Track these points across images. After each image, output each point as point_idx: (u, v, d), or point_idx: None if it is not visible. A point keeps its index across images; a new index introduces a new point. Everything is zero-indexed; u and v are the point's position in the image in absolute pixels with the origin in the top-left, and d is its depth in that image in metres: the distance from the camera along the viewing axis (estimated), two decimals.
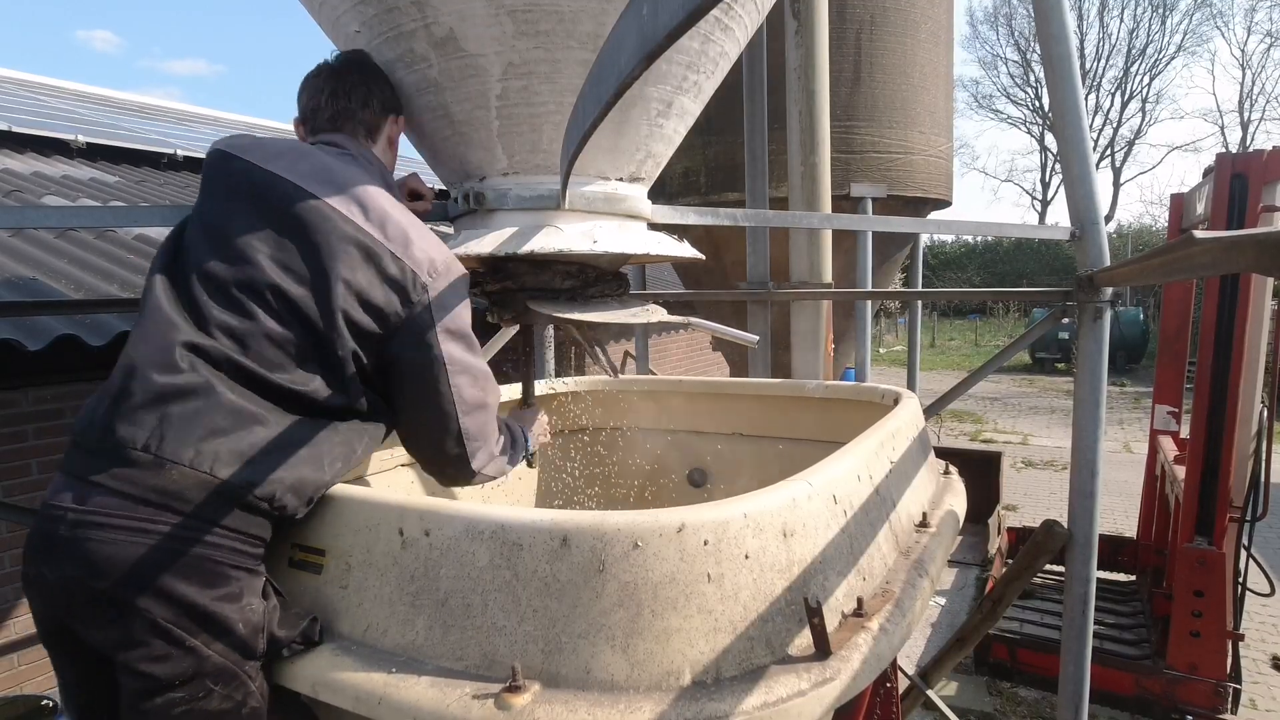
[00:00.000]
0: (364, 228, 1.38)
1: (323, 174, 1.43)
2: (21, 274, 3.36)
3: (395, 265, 1.38)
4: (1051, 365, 18.33)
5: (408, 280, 1.38)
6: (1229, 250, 1.04)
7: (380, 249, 1.38)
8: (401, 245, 1.40)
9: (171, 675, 1.17)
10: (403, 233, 1.41)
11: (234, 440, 1.22)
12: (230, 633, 1.20)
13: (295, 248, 1.35)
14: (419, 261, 1.40)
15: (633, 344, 6.80)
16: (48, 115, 6.74)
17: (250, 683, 1.23)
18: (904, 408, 1.97)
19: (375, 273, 1.36)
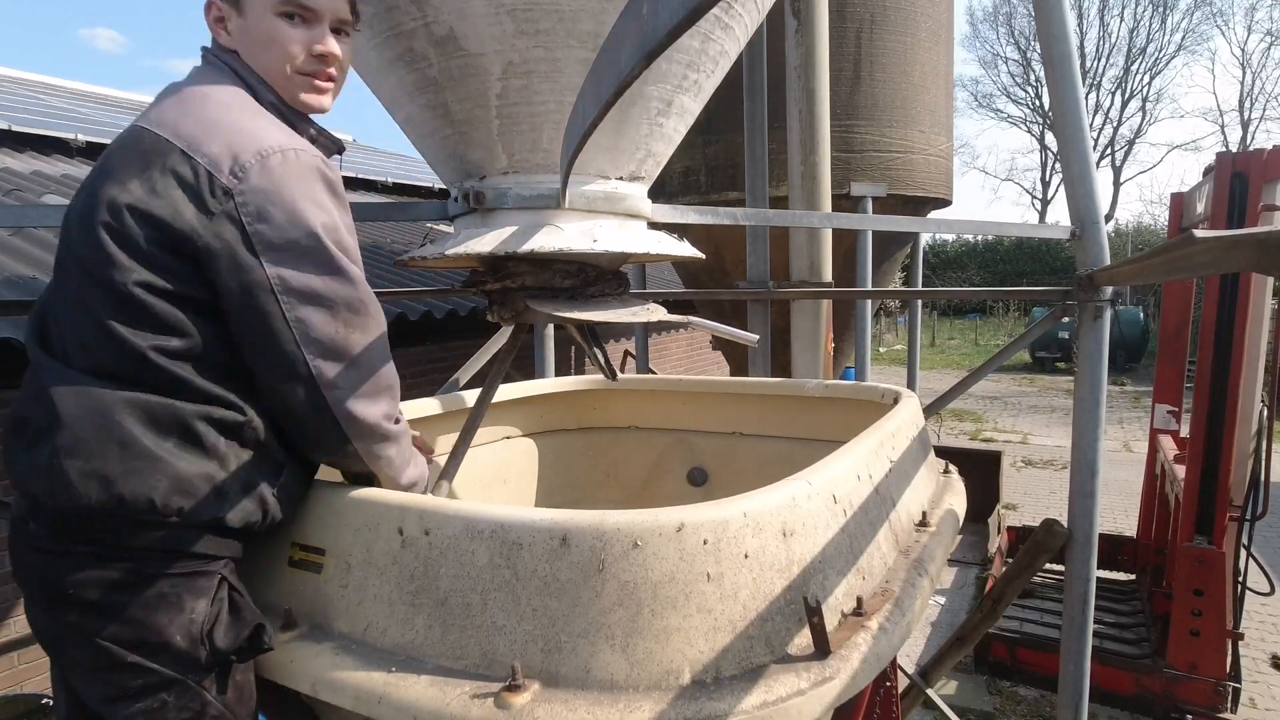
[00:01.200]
0: (155, 132, 1.14)
1: (160, 100, 1.23)
2: (21, 273, 3.36)
3: (183, 164, 1.10)
4: (1051, 364, 18.33)
5: (202, 182, 1.09)
6: (1229, 249, 1.04)
7: (165, 148, 1.11)
8: (193, 140, 1.11)
9: (122, 688, 1.15)
10: (198, 125, 1.13)
11: (92, 462, 1.10)
12: (167, 646, 1.14)
13: (81, 194, 1.16)
14: (216, 156, 1.10)
15: (633, 343, 6.80)
16: (48, 114, 6.74)
17: (205, 693, 1.19)
18: (904, 407, 1.97)
19: (157, 178, 1.09)
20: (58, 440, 1.11)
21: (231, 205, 1.09)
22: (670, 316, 2.00)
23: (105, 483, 1.10)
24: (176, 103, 1.18)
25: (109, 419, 1.11)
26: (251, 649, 1.21)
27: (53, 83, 9.14)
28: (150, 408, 1.12)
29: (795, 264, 3.45)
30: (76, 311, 1.15)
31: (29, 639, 3.49)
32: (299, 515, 1.37)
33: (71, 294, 1.16)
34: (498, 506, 1.20)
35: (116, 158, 1.15)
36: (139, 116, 1.23)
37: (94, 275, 1.12)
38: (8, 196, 4.25)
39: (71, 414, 1.11)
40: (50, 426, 1.12)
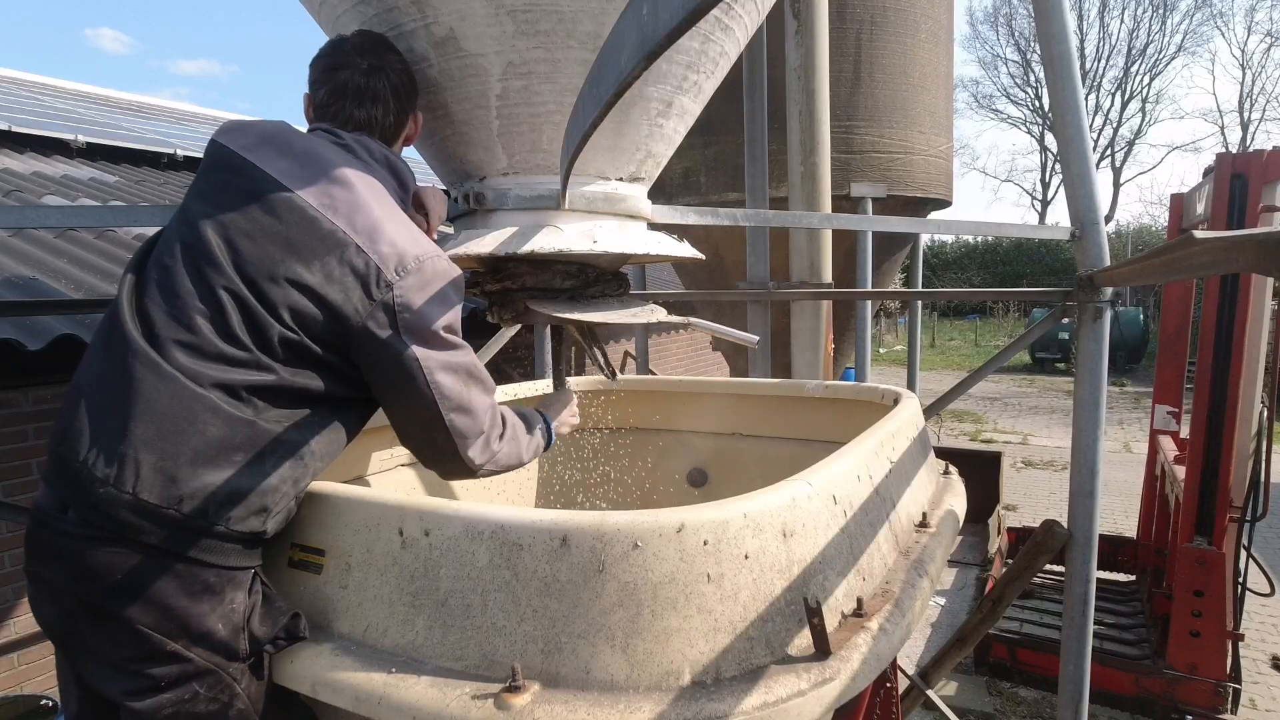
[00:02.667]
0: (330, 219, 1.32)
1: (304, 164, 1.37)
2: (21, 274, 3.36)
3: (359, 258, 1.30)
4: (1051, 365, 18.33)
5: (371, 276, 1.30)
6: (1229, 250, 1.04)
7: (343, 240, 1.30)
8: (368, 238, 1.32)
9: (156, 678, 1.17)
10: (373, 225, 1.33)
11: (165, 460, 1.17)
12: (210, 635, 1.19)
13: (256, 245, 1.29)
14: (385, 256, 1.31)
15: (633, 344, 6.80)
16: (48, 115, 6.74)
17: (235, 684, 1.22)
18: (904, 408, 1.97)
19: (335, 268, 1.29)
20: (136, 429, 1.17)
21: (390, 296, 1.31)
22: (670, 317, 2.00)
23: (172, 481, 1.17)
24: (346, 194, 1.36)
25: (191, 422, 1.19)
26: (289, 637, 1.25)
27: (53, 83, 9.14)
28: (232, 421, 1.21)
29: (795, 265, 3.46)
30: (200, 320, 1.24)
31: (29, 639, 3.49)
32: (299, 516, 1.37)
33: (204, 306, 1.25)
34: (498, 507, 1.20)
35: (295, 232, 1.31)
36: (285, 173, 1.34)
37: (248, 310, 1.26)
38: (8, 197, 4.25)
39: (157, 408, 1.18)
40: (132, 414, 1.18)
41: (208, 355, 1.23)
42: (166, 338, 1.23)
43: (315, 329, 1.29)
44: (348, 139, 1.47)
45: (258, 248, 1.29)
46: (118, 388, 1.20)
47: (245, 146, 1.38)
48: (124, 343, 1.23)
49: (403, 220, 1.42)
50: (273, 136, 1.42)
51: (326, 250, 1.30)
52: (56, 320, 3.06)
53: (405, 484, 2.25)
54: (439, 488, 2.36)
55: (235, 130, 1.43)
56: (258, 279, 1.27)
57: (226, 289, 1.26)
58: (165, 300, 1.26)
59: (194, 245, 1.30)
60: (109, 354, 1.24)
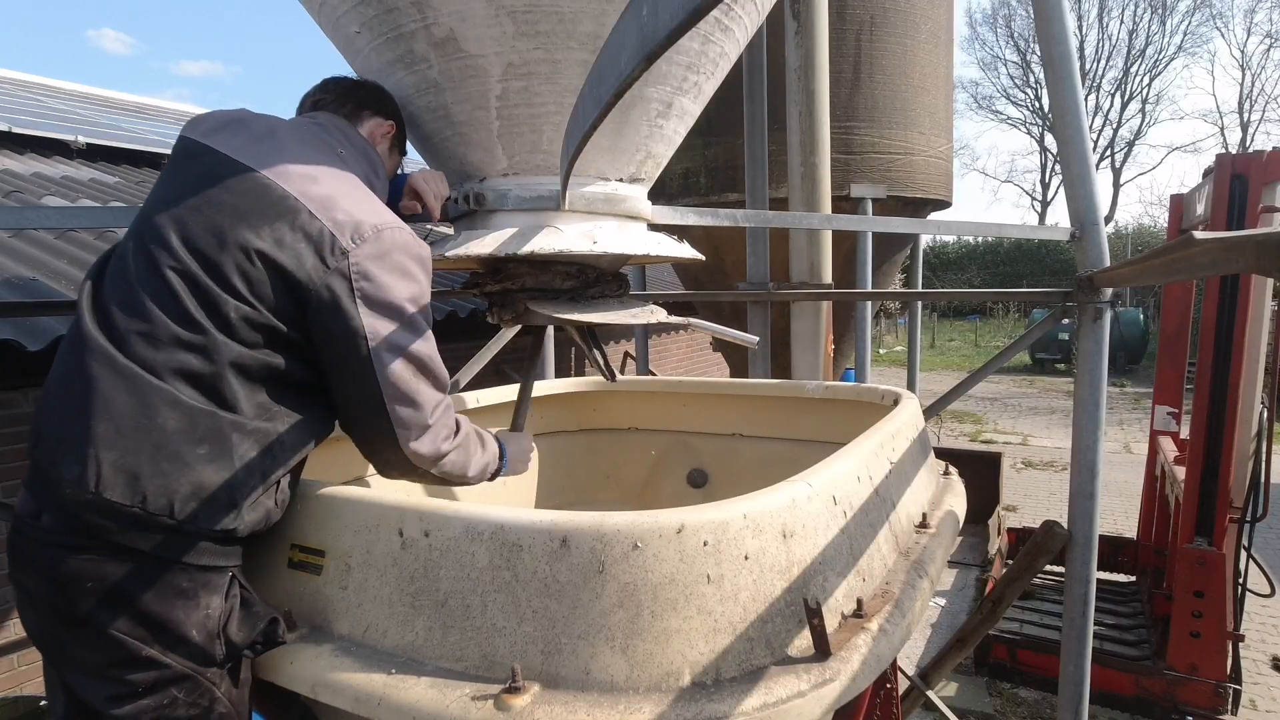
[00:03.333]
0: (282, 187, 1.28)
1: (259, 139, 1.35)
2: (22, 274, 3.36)
3: (312, 224, 1.26)
4: (1051, 366, 18.32)
5: (325, 242, 1.25)
6: (1229, 251, 1.04)
7: (295, 205, 1.26)
8: (321, 205, 1.28)
9: (134, 684, 1.16)
10: (328, 195, 1.30)
11: (126, 456, 1.15)
12: (185, 640, 1.17)
13: (202, 216, 1.25)
14: (340, 223, 1.27)
15: (633, 345, 6.81)
16: (48, 115, 6.74)
17: (215, 688, 1.21)
18: (904, 408, 1.97)
19: (286, 232, 1.24)
20: (96, 429, 1.15)
21: (345, 263, 1.26)
22: (670, 318, 2.00)
23: (133, 479, 1.14)
24: (300, 165, 1.33)
25: (150, 417, 1.16)
26: (267, 643, 1.24)
27: (53, 84, 9.14)
28: (193, 413, 1.19)
29: (795, 265, 3.46)
30: (153, 306, 1.21)
31: (29, 640, 3.49)
32: (298, 517, 1.37)
33: (155, 290, 1.22)
34: (497, 508, 1.20)
35: (245, 201, 1.27)
36: (238, 149, 1.32)
37: (200, 287, 1.22)
38: (8, 198, 4.25)
39: (115, 405, 1.16)
40: (91, 412, 1.16)
41: (163, 342, 1.19)
42: (125, 330, 1.20)
43: (271, 301, 1.24)
44: (321, 118, 1.48)
45: (204, 219, 1.25)
46: (78, 387, 1.19)
47: (204, 133, 1.37)
48: (81, 341, 1.21)
49: (364, 193, 1.37)
50: (230, 120, 1.40)
51: (277, 215, 1.25)
52: (57, 321, 3.06)
53: (405, 485, 2.24)
54: (439, 489, 2.36)
55: (196, 120, 1.41)
56: (206, 250, 1.23)
57: (174, 268, 1.22)
58: (120, 291, 1.24)
59: (145, 232, 1.28)
60: (70, 354, 1.23)
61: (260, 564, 1.38)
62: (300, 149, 1.36)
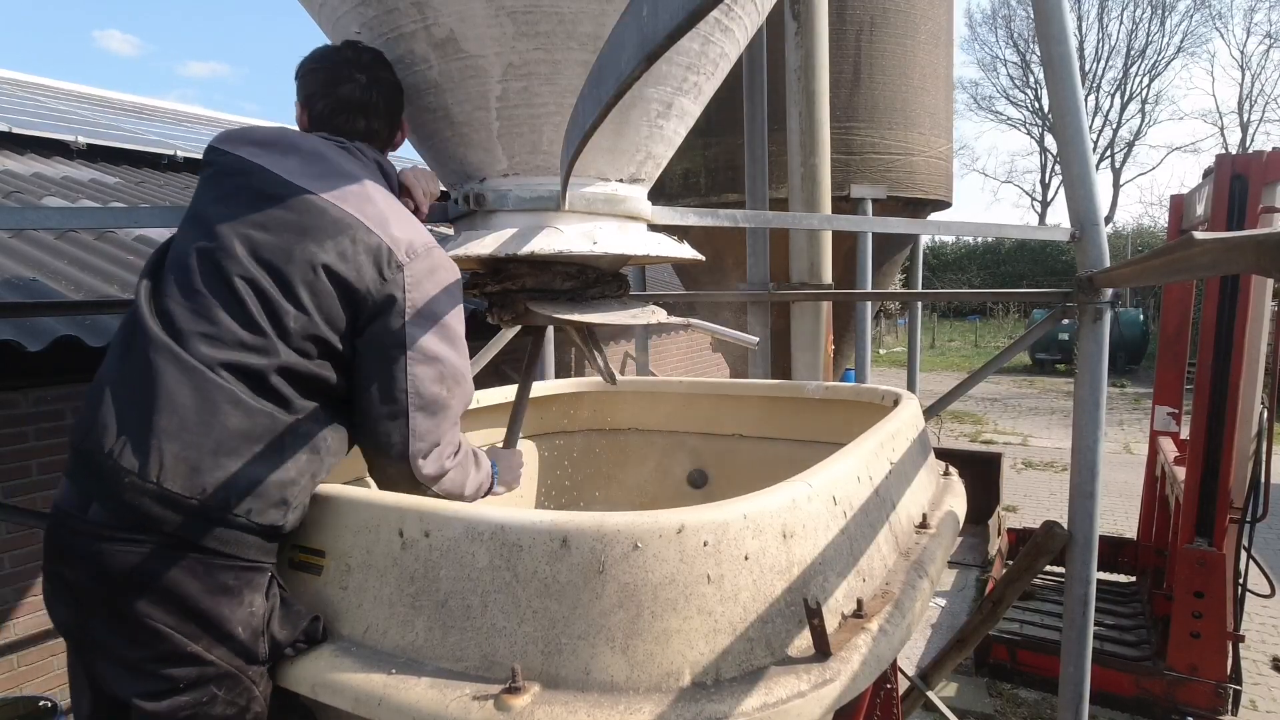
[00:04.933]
0: (342, 207, 1.36)
1: (309, 162, 1.42)
2: (22, 275, 3.36)
3: (371, 238, 1.35)
4: (1051, 366, 18.32)
5: (383, 256, 1.35)
6: (1229, 251, 1.04)
7: (355, 223, 1.35)
8: (379, 223, 1.37)
9: (174, 680, 1.17)
10: (381, 214, 1.39)
11: (188, 449, 1.19)
12: (231, 637, 1.19)
13: (270, 234, 1.32)
14: (396, 239, 1.37)
15: (633, 345, 6.81)
16: (48, 116, 6.74)
17: (254, 687, 1.23)
18: (904, 409, 1.97)
19: (348, 247, 1.33)
20: (159, 421, 1.19)
21: (401, 276, 1.35)
22: (670, 318, 2.00)
23: (194, 471, 1.18)
24: (351, 187, 1.41)
25: (213, 412, 1.21)
26: (309, 641, 1.25)
27: (53, 84, 9.15)
28: (253, 412, 1.23)
29: (795, 266, 3.46)
30: (220, 311, 1.27)
31: (29, 640, 3.49)
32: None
33: (222, 297, 1.28)
34: (498, 509, 1.20)
35: (308, 219, 1.34)
36: (292, 172, 1.39)
37: (266, 296, 1.28)
38: (8, 198, 4.25)
39: (179, 399, 1.20)
40: (155, 406, 1.19)
41: (228, 344, 1.25)
42: (188, 331, 1.25)
43: (330, 311, 1.31)
44: (347, 144, 1.53)
45: (272, 236, 1.32)
46: (141, 381, 1.22)
47: (252, 152, 1.42)
48: (145, 338, 1.25)
49: (407, 215, 1.47)
50: (277, 140, 1.46)
51: (339, 231, 1.34)
52: (57, 321, 3.06)
53: None
54: None
55: (237, 138, 1.46)
56: (274, 262, 1.30)
57: (243, 277, 1.29)
58: (185, 297, 1.29)
59: (210, 244, 1.32)
60: (131, 350, 1.27)
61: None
62: (349, 171, 1.44)
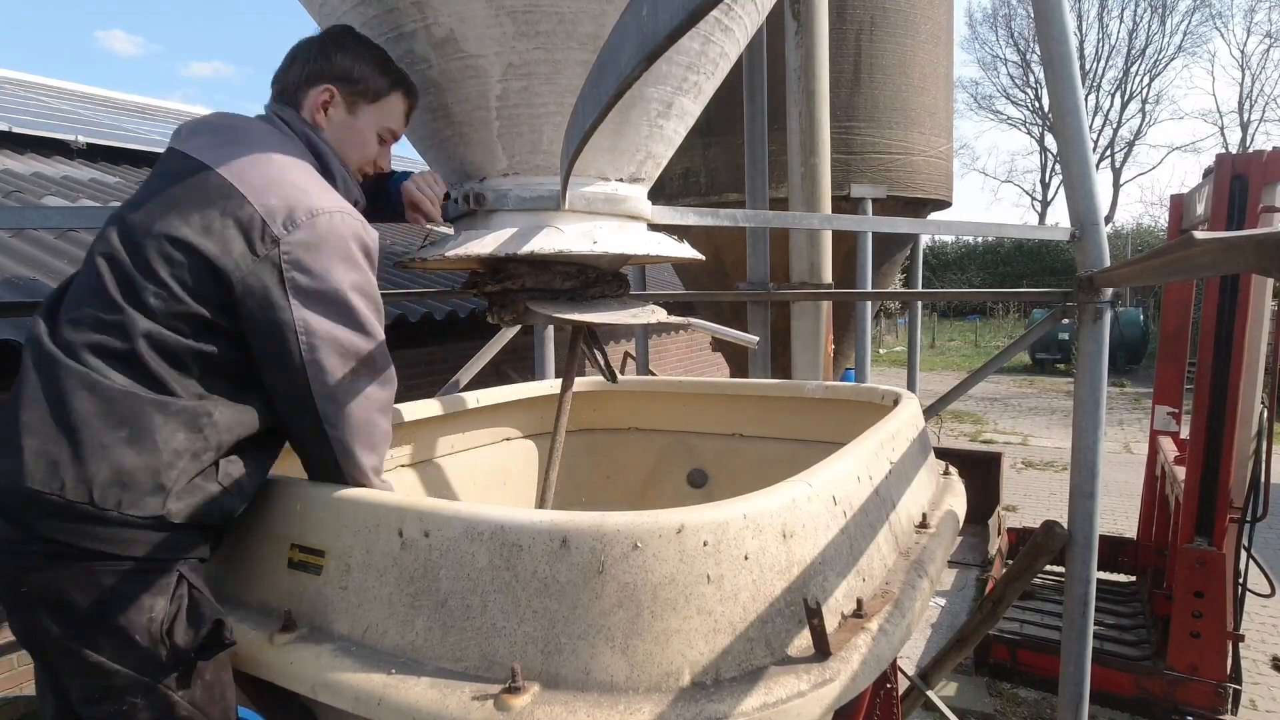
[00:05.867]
0: (221, 173, 1.24)
1: (216, 133, 1.34)
2: (21, 274, 3.36)
3: (243, 210, 1.21)
4: (1051, 366, 18.32)
5: (254, 228, 1.20)
6: (1229, 251, 1.04)
7: (229, 191, 1.22)
8: (257, 190, 1.23)
9: (92, 690, 1.15)
10: (267, 179, 1.25)
11: (46, 443, 1.11)
12: (130, 646, 1.13)
13: (140, 210, 1.25)
14: (273, 209, 1.21)
15: (633, 345, 6.81)
16: (48, 115, 6.74)
17: (172, 693, 1.17)
18: (904, 408, 1.97)
19: (215, 219, 1.20)
20: (23, 416, 1.13)
21: (275, 252, 1.21)
22: (670, 318, 2.00)
23: (53, 466, 1.11)
24: (247, 155, 1.29)
25: (65, 401, 1.14)
26: (211, 645, 1.19)
27: (53, 84, 9.14)
28: (109, 394, 1.15)
29: (795, 265, 3.46)
30: (85, 293, 1.21)
31: None
32: (298, 517, 1.37)
33: (85, 277, 1.23)
34: (497, 508, 1.19)
35: (181, 191, 1.25)
36: (198, 149, 1.31)
37: (122, 271, 1.20)
38: (8, 198, 4.25)
39: (38, 391, 1.15)
40: (20, 401, 1.15)
41: (88, 325, 1.17)
42: (60, 319, 1.21)
43: (195, 288, 1.20)
44: (273, 117, 1.44)
45: (142, 213, 1.25)
46: (17, 381, 1.18)
47: (179, 138, 1.37)
48: (27, 338, 1.23)
49: (308, 177, 1.32)
50: (203, 124, 1.40)
51: (209, 203, 1.21)
52: None
53: (405, 485, 2.25)
54: (439, 489, 2.36)
55: (179, 128, 1.42)
56: (136, 238, 1.22)
57: (104, 254, 1.22)
58: (67, 291, 1.26)
59: (98, 233, 1.30)
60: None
61: (260, 564, 1.38)
62: (255, 140, 1.33)
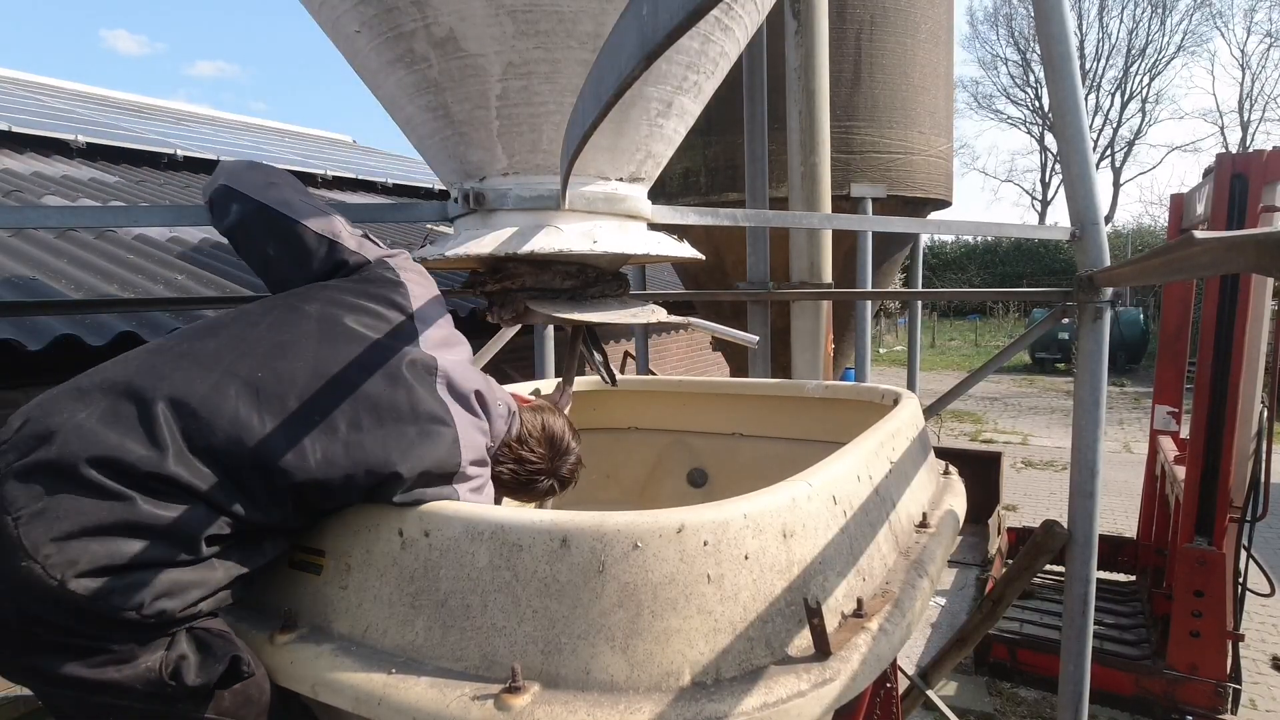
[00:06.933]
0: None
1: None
2: (21, 274, 3.36)
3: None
4: (1051, 365, 18.32)
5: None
6: (1229, 250, 1.04)
7: None
8: None
9: (103, 713, 1.14)
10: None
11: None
12: (126, 691, 1.13)
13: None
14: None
15: (633, 344, 6.80)
16: (48, 115, 6.74)
17: (192, 713, 1.17)
18: (904, 408, 1.97)
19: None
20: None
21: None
22: (670, 318, 2.00)
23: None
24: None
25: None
26: (231, 679, 1.18)
27: (53, 84, 9.14)
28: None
29: (795, 265, 3.45)
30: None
31: None
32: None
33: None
34: (497, 508, 1.19)
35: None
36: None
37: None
38: (8, 197, 4.25)
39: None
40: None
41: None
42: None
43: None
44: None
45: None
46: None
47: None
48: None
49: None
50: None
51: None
52: (56, 320, 3.06)
53: None
54: None
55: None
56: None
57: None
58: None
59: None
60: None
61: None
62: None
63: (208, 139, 8.22)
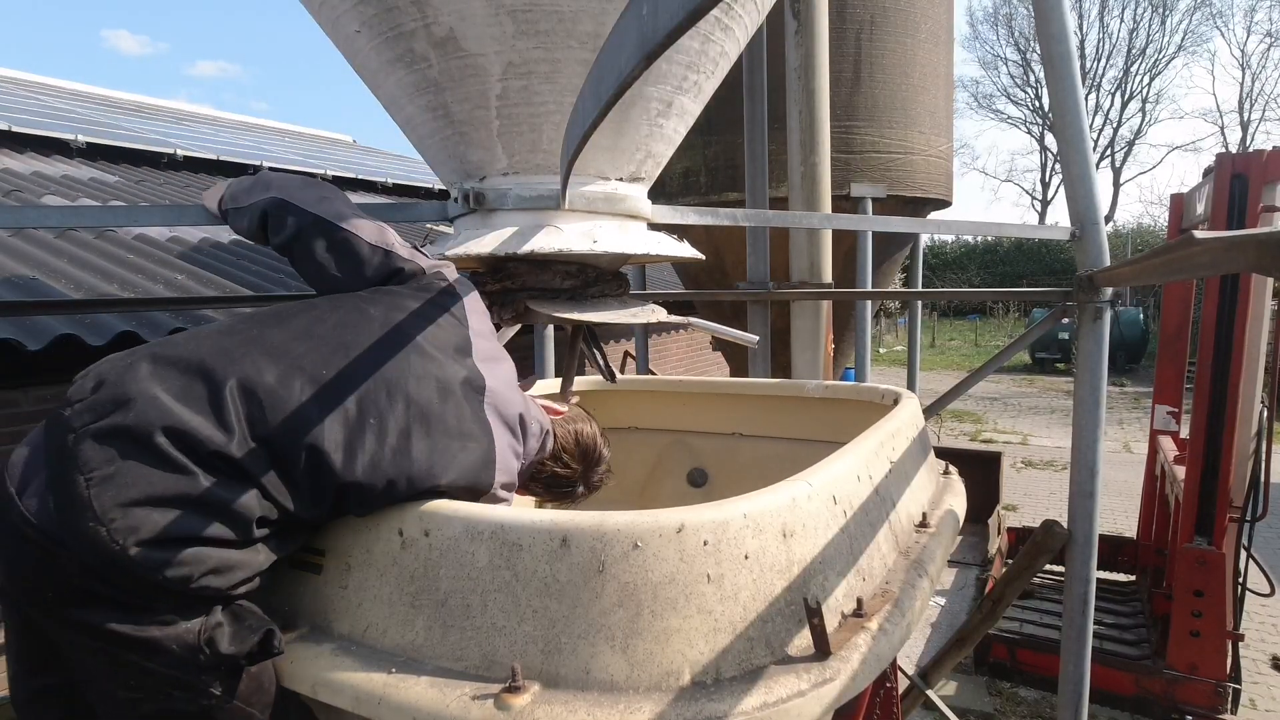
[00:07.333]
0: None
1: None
2: (21, 274, 3.36)
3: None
4: (1051, 365, 18.32)
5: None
6: (1229, 250, 1.04)
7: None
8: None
9: (127, 684, 1.16)
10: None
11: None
12: (161, 651, 1.15)
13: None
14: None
15: (633, 344, 6.81)
16: (48, 115, 6.74)
17: (212, 687, 1.19)
18: (904, 408, 1.97)
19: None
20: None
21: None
22: (670, 317, 2.00)
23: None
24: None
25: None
26: (262, 654, 1.21)
27: (53, 83, 9.14)
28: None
29: (795, 265, 3.45)
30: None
31: None
32: None
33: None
34: (497, 508, 1.19)
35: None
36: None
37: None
38: (8, 197, 4.25)
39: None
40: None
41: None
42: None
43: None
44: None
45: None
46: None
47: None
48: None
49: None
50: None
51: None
52: (56, 320, 3.06)
53: None
54: None
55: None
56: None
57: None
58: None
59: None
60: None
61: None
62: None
63: (208, 139, 8.22)
